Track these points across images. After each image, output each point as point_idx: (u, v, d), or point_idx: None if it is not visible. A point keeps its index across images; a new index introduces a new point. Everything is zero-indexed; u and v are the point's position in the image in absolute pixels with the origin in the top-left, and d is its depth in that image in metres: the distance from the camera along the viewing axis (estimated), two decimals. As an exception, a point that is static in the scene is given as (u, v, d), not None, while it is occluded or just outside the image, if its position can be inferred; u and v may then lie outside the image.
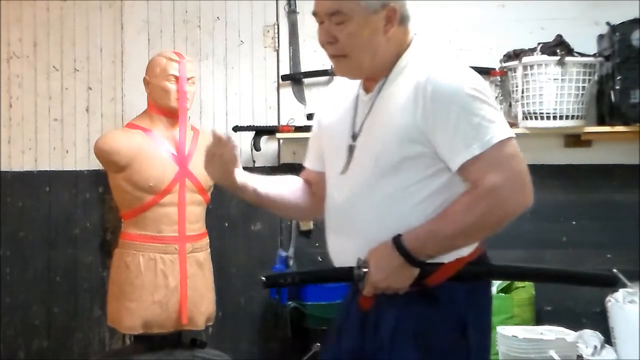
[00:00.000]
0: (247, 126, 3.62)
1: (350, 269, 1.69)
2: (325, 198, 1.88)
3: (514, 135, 1.68)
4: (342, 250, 1.78)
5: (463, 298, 1.72)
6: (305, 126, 3.55)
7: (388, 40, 1.73)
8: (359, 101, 1.82)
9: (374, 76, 1.77)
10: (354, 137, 1.78)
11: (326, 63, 3.60)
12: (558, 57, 3.23)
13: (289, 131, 3.54)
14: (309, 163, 2.01)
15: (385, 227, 1.68)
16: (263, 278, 1.74)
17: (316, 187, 1.96)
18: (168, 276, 3.13)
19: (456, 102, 1.63)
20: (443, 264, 1.69)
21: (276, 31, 3.72)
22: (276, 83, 3.71)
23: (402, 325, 1.70)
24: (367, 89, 1.80)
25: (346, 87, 1.88)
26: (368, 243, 1.69)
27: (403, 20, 1.76)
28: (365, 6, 1.68)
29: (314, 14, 1.76)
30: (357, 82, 1.85)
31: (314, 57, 3.65)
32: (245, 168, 1.91)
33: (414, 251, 1.64)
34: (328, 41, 1.73)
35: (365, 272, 1.67)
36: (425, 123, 1.64)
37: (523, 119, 3.36)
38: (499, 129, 1.64)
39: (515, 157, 1.67)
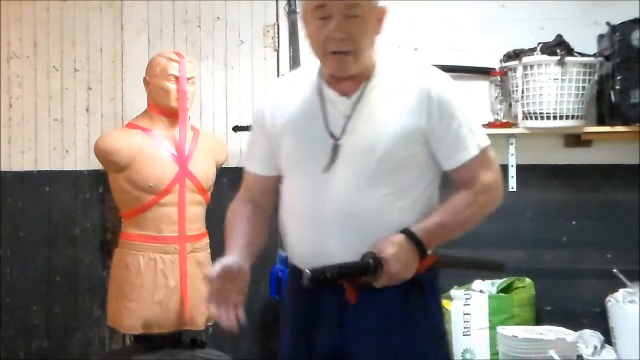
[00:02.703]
0: (247, 126, 3.59)
1: (367, 261, 1.71)
2: (270, 202, 1.95)
3: None
4: (334, 249, 1.77)
5: (435, 285, 1.91)
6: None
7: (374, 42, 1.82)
8: (327, 102, 1.82)
9: (354, 77, 1.80)
10: (335, 136, 1.79)
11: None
12: (558, 57, 3.24)
13: (288, 131, 3.53)
14: (258, 168, 1.97)
15: (386, 222, 1.76)
16: (308, 272, 1.68)
17: (265, 195, 1.96)
18: (168, 276, 3.13)
19: (459, 109, 1.80)
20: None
21: (276, 31, 3.72)
22: (276, 83, 3.71)
23: (398, 312, 1.80)
24: (343, 90, 1.81)
25: (292, 88, 1.90)
26: (368, 239, 1.74)
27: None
28: (374, 3, 1.76)
29: (320, 6, 1.73)
30: (304, 83, 1.87)
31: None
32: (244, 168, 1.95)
33: (425, 243, 1.75)
34: (342, 37, 1.73)
35: (380, 264, 1.70)
36: (430, 126, 1.77)
37: (523, 119, 3.36)
38: (484, 134, 1.86)
39: (496, 160, 1.87)
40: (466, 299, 3.35)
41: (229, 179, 3.63)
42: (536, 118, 3.31)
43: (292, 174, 1.87)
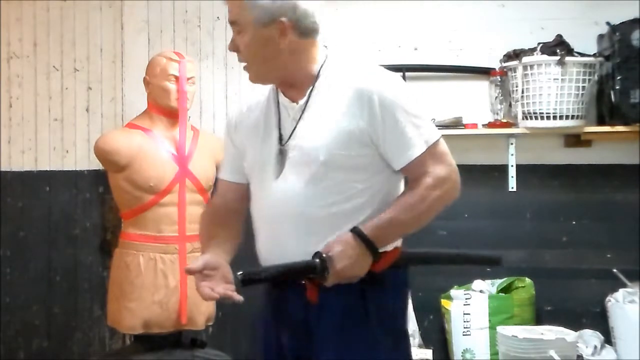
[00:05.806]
0: (247, 126, 3.62)
1: (313, 260, 1.75)
2: (246, 206, 1.98)
3: None
4: (291, 250, 1.82)
5: (400, 282, 1.92)
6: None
7: (292, 52, 1.82)
8: (282, 108, 1.89)
9: (296, 85, 1.86)
10: (283, 141, 1.86)
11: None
12: (558, 57, 3.24)
13: (288, 131, 3.53)
14: (229, 175, 2.04)
15: (337, 223, 1.80)
16: (239, 275, 1.74)
17: (238, 200, 2.01)
18: (168, 276, 3.13)
19: (401, 107, 1.80)
20: (386, 252, 1.84)
21: (276, 31, 3.72)
22: (276, 83, 3.71)
23: (355, 310, 1.82)
24: (292, 97, 1.87)
25: (258, 98, 1.96)
26: (322, 240, 1.78)
27: (305, 33, 1.83)
28: (254, 19, 1.79)
29: (231, 22, 1.86)
30: (267, 93, 1.93)
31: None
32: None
33: (374, 239, 1.77)
34: (233, 49, 1.86)
35: (327, 263, 1.74)
36: (373, 127, 1.79)
37: (523, 119, 3.36)
38: (434, 129, 1.85)
39: (449, 153, 1.86)
40: (466, 299, 3.36)
41: (229, 179, 3.64)
42: (536, 118, 3.31)
43: (254, 180, 1.94)
